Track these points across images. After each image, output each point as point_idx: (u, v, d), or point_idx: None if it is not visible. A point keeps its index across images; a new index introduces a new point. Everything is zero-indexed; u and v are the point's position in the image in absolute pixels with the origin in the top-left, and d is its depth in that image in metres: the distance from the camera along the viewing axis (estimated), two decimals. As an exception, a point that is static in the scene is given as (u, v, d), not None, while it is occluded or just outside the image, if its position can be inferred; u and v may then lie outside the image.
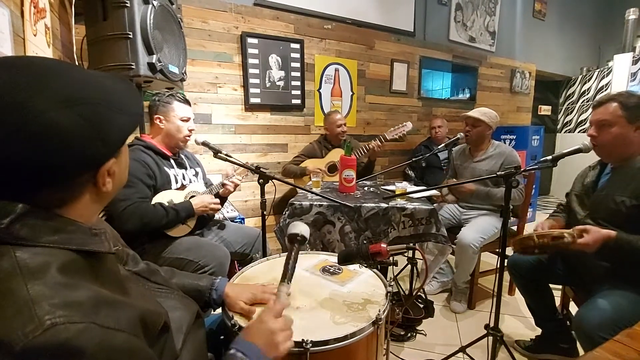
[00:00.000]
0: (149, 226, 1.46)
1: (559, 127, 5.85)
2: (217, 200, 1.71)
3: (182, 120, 1.67)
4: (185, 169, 1.78)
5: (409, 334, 1.88)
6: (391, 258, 0.95)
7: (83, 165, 0.49)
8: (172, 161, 1.71)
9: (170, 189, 1.64)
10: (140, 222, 1.43)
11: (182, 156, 1.80)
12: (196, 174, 1.84)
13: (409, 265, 2.06)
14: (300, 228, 0.87)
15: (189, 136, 1.70)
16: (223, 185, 1.80)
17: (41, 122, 0.43)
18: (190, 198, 1.66)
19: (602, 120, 1.32)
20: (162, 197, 1.59)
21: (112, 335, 0.43)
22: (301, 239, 0.86)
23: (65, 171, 0.47)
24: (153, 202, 1.55)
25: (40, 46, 1.36)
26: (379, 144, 2.67)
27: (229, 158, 1.57)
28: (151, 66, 1.63)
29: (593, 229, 1.19)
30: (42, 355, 0.38)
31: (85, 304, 0.43)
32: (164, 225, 1.52)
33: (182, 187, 1.70)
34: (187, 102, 1.70)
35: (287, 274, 0.81)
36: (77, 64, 1.87)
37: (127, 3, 1.55)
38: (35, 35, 1.31)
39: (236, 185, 1.82)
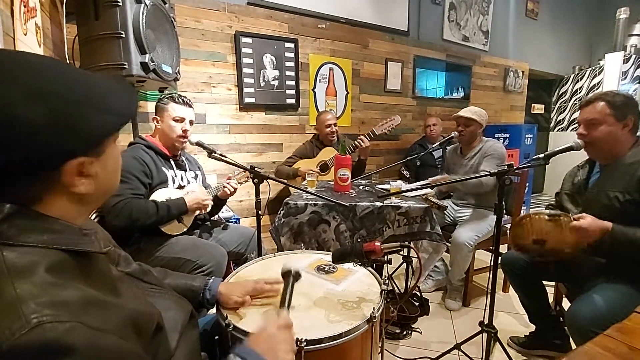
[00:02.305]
0: (139, 222, 1.45)
1: (551, 125, 5.90)
2: (210, 197, 1.72)
3: (175, 120, 1.67)
4: (185, 170, 1.79)
5: (404, 332, 1.89)
6: (386, 256, 0.95)
7: (42, 161, 0.46)
8: (171, 162, 1.72)
9: (167, 188, 1.64)
10: (129, 217, 1.43)
11: (183, 158, 1.82)
12: (195, 177, 1.85)
13: (404, 264, 2.06)
14: (294, 265, 0.88)
15: (182, 136, 1.69)
16: (223, 187, 1.81)
17: (6, 113, 0.42)
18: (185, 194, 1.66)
19: (592, 119, 1.33)
20: (160, 195, 1.60)
21: (100, 336, 0.43)
22: (295, 274, 0.87)
23: (24, 166, 0.45)
24: (150, 199, 1.55)
25: (30, 45, 1.35)
26: (367, 139, 2.62)
27: (223, 158, 1.58)
28: (144, 66, 1.63)
29: (589, 216, 1.18)
30: (29, 354, 0.38)
31: (73, 304, 0.43)
32: (155, 222, 1.51)
33: (180, 187, 1.71)
34: (185, 103, 1.71)
35: (286, 302, 0.81)
36: (68, 63, 1.85)
37: (119, 2, 1.54)
38: (25, 35, 1.30)
39: (234, 189, 1.82)
